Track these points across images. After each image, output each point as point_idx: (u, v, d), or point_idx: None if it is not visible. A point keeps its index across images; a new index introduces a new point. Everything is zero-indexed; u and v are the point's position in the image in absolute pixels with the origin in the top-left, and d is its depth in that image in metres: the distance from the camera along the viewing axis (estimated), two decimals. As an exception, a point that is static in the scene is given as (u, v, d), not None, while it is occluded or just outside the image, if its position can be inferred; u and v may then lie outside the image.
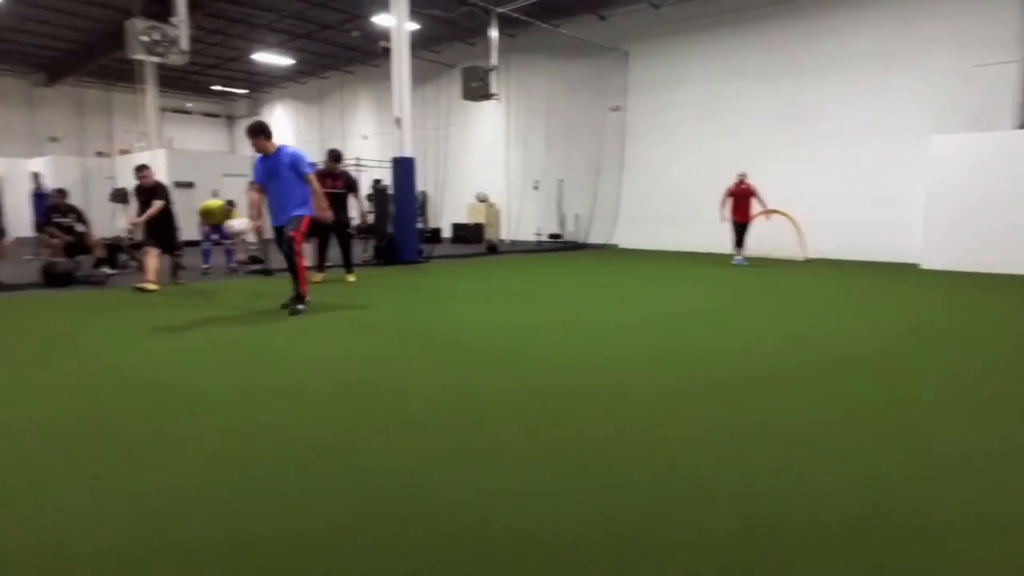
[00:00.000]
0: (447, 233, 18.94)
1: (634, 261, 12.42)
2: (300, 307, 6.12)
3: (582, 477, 2.48)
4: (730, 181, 11.52)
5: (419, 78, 21.17)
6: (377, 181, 11.60)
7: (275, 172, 6.00)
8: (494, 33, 14.24)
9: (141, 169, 8.35)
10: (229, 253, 10.17)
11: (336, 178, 8.61)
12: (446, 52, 19.72)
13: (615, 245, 16.31)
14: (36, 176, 13.66)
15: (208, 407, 3.40)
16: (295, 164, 6.00)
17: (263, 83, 25.74)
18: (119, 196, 15.61)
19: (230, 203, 10.15)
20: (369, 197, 11.48)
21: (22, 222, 14.79)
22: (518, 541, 2.00)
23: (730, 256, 11.96)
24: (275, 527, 2.10)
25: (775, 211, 11.82)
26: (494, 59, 14.25)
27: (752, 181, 11.35)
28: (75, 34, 18.65)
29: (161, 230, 8.14)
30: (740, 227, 11.47)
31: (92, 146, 23.58)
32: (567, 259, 12.71)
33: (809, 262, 12.10)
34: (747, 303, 7.14)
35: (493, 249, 14.34)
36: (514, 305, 7.00)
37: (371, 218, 11.18)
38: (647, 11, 15.42)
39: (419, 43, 19.40)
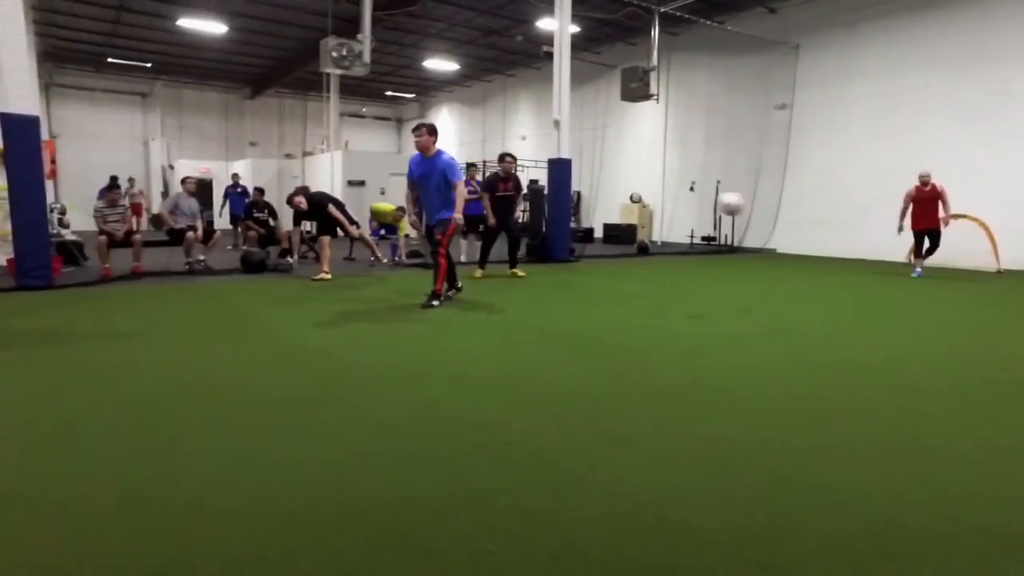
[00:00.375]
0: (599, 233, 19.06)
1: (793, 267, 11.78)
2: (434, 303, 6.41)
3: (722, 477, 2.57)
4: (908, 183, 10.50)
5: (578, 79, 21.48)
6: (533, 182, 12.02)
7: (430, 174, 6.36)
8: (655, 33, 14.15)
9: (295, 195, 9.42)
10: (393, 248, 11.11)
11: (508, 180, 9.03)
12: (607, 53, 19.81)
13: (773, 249, 15.52)
14: (235, 176, 15.75)
15: (377, 382, 3.88)
16: (449, 170, 6.32)
17: (430, 87, 27.41)
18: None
19: (400, 209, 11.05)
20: (524, 197, 11.93)
21: (216, 216, 17.03)
22: (642, 518, 2.16)
23: (903, 265, 10.95)
24: (431, 486, 2.43)
25: (963, 215, 10.65)
26: (655, 59, 14.17)
27: (939, 182, 10.24)
28: (275, 52, 21.16)
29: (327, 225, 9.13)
30: (922, 235, 10.29)
31: (286, 149, 26.62)
32: (719, 263, 12.34)
33: (1002, 273, 10.77)
34: (922, 318, 6.58)
35: (644, 250, 14.26)
36: (663, 307, 7.02)
37: (526, 216, 11.63)
38: (823, 1, 14.49)
39: (579, 45, 19.71)
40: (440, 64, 22.02)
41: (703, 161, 17.31)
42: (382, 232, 11.13)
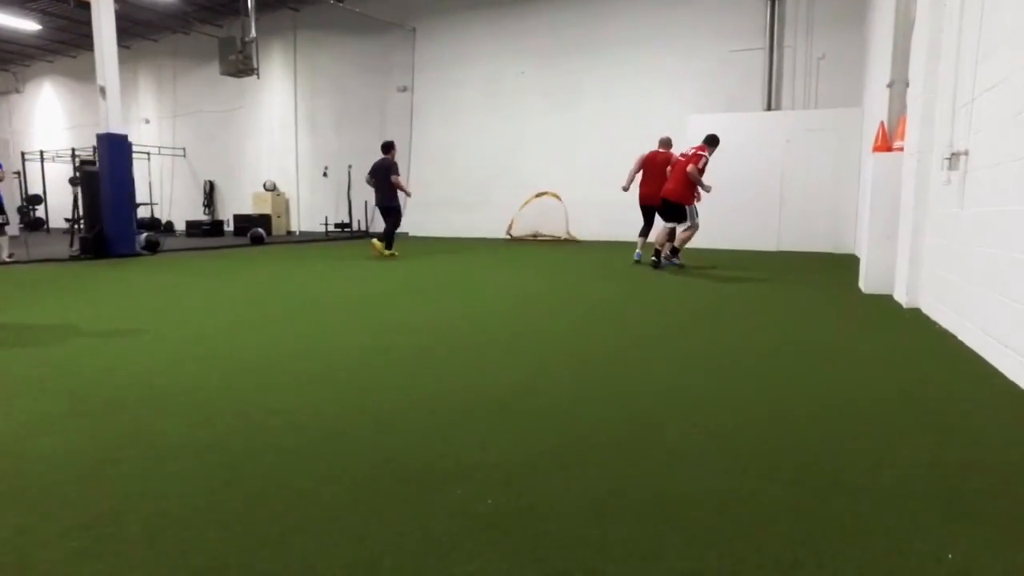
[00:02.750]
0: (231, 226, 17.11)
1: (412, 252, 11.53)
2: None
3: None
4: (518, 167, 10.94)
5: (205, 55, 19.16)
6: (83, 163, 9.78)
7: None
8: (251, 1, 12.76)
9: None
10: None
11: None
12: (230, 27, 17.78)
13: (404, 233, 15.39)
14: None
15: None
16: None
17: (17, 53, 22.09)
18: None
19: None
20: (72, 181, 9.67)
21: None
22: None
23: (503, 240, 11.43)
24: None
25: (544, 192, 11.58)
26: (252, 30, 12.79)
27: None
28: None
29: None
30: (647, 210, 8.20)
31: None
32: (327, 251, 11.57)
33: (570, 238, 12.09)
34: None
35: (259, 240, 12.87)
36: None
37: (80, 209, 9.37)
38: (435, -14, 14.63)
39: (196, 16, 17.42)
40: (13, 21, 17.59)
41: (336, 145, 16.50)
42: None
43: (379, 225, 15.56)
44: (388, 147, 9.67)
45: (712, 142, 7.48)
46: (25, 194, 21.23)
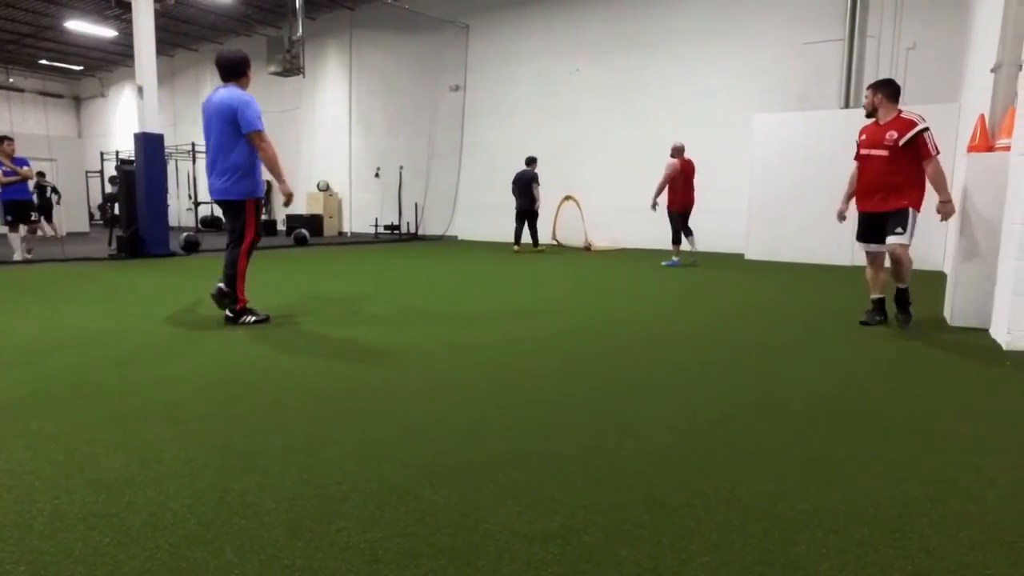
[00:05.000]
0: (283, 225, 17.12)
1: (453, 255, 11.01)
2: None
3: None
4: (571, 168, 10.28)
5: (260, 57, 19.29)
6: (123, 162, 9.73)
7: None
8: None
9: None
10: None
11: None
12: (288, 27, 17.87)
13: (455, 236, 14.92)
14: None
15: None
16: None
17: (101, 60, 23.06)
18: None
19: None
20: (112, 180, 9.63)
21: None
22: None
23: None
24: None
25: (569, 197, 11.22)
26: (299, 29, 12.59)
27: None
28: None
29: None
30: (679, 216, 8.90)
31: None
32: (384, 253, 11.18)
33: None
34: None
35: (302, 241, 12.65)
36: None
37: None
38: (486, -20, 14.07)
39: (255, 17, 17.55)
40: (91, 28, 18.25)
41: (387, 145, 16.21)
42: None
43: (433, 226, 15.36)
44: (531, 161, 11.24)
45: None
46: (104, 193, 22.23)
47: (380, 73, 16.27)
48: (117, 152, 22.38)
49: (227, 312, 4.31)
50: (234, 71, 4.21)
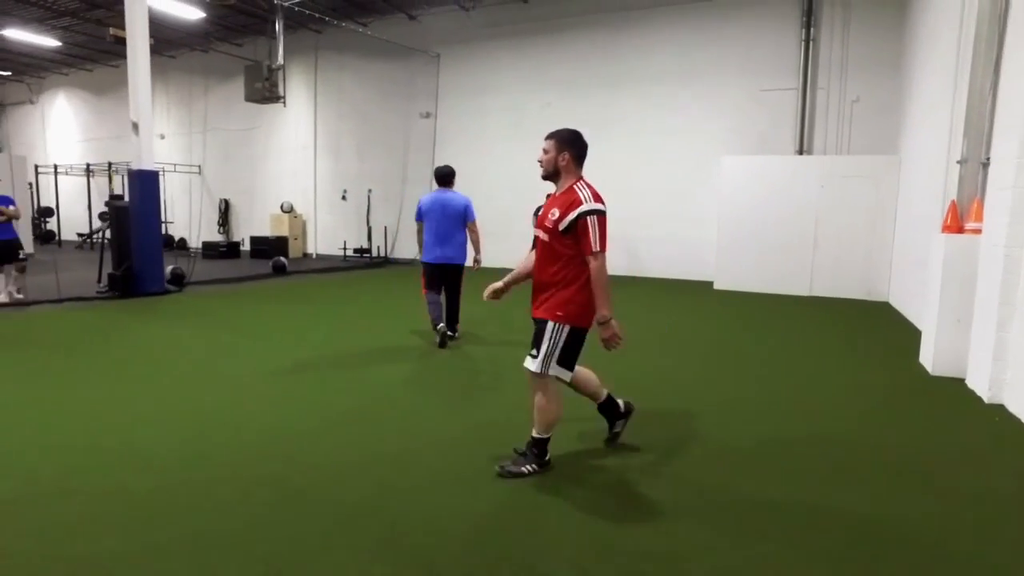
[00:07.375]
0: (247, 247, 16.98)
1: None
2: None
3: None
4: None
5: (221, 73, 19.01)
6: (113, 197, 9.63)
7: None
8: (280, 28, 12.68)
9: None
10: None
11: None
12: (249, 46, 17.75)
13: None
14: None
15: None
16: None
17: (32, 65, 21.94)
18: None
19: None
20: (102, 216, 9.51)
21: None
22: None
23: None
24: None
25: None
26: (280, 57, 12.69)
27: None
28: None
29: None
30: None
31: None
32: (364, 281, 11.42)
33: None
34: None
35: (281, 269, 12.66)
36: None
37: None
38: (458, 13, 14.48)
39: (215, 34, 17.30)
40: (32, 37, 17.46)
41: (356, 169, 16.38)
42: None
43: (403, 250, 15.61)
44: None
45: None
46: (37, 206, 21.10)
47: (348, 96, 16.41)
48: (55, 166, 21.44)
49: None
50: (449, 180, 6.62)
